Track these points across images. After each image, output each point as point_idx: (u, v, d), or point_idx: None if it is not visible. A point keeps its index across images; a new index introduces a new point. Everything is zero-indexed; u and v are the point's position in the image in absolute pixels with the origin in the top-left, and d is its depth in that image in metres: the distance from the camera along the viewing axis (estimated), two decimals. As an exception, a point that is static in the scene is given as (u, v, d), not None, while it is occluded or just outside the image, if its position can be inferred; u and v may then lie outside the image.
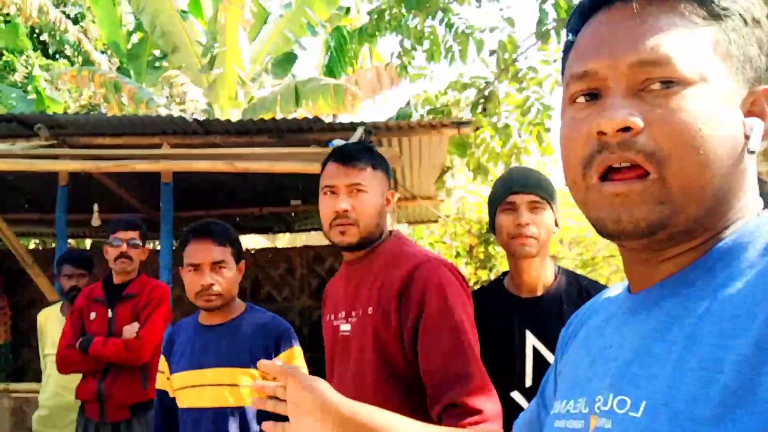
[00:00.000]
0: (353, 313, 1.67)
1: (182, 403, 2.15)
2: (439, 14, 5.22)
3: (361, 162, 1.71)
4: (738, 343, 0.53)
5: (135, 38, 12.32)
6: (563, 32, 5.06)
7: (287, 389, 1.04)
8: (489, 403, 1.41)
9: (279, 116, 8.50)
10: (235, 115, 8.96)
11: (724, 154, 0.60)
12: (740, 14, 0.64)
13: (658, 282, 0.66)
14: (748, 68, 0.64)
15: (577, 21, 0.72)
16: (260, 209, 6.87)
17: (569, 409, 0.70)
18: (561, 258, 7.66)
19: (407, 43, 5.19)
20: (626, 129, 0.61)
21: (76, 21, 17.30)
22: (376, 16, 5.07)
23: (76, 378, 3.15)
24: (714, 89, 0.61)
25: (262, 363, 1.05)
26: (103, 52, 15.40)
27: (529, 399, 1.78)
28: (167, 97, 11.46)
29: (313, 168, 3.89)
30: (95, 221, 5.25)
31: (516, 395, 1.79)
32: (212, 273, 2.10)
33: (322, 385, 1.04)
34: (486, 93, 5.49)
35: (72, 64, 13.96)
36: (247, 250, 7.87)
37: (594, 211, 0.65)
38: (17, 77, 15.11)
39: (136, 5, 8.48)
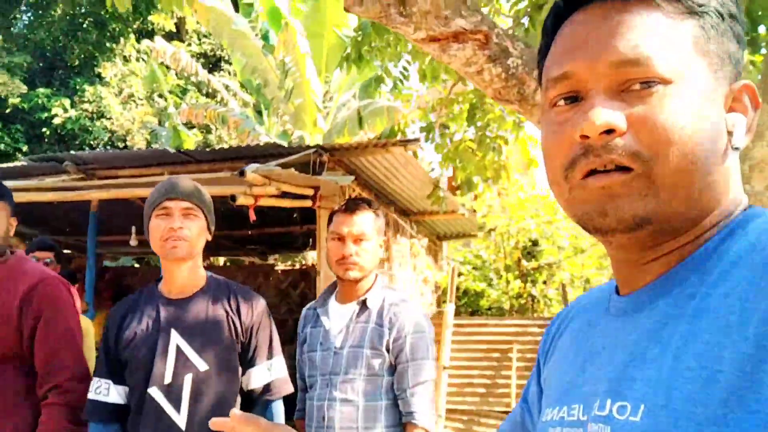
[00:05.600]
0: None
1: None
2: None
3: None
4: (735, 341, 0.53)
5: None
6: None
7: None
8: (81, 385, 2.02)
9: (355, 139, 9.01)
10: (317, 140, 9.59)
11: (708, 151, 0.61)
12: (717, 10, 0.64)
13: (648, 282, 0.65)
14: (728, 64, 0.64)
15: (552, 22, 0.71)
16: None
17: (563, 416, 0.69)
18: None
19: (390, 65, 5.40)
20: (609, 131, 0.61)
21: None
22: (360, 38, 5.33)
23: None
24: (695, 87, 0.61)
25: (217, 422, 0.92)
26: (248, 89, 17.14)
27: (166, 395, 1.90)
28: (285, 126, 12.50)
29: (224, 191, 4.29)
30: (133, 241, 6.07)
31: (154, 391, 1.92)
32: None
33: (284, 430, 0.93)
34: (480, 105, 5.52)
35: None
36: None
37: (579, 207, 0.64)
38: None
39: (230, 47, 9.50)
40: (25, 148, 14.75)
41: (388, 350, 2.07)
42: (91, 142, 15.09)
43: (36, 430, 1.99)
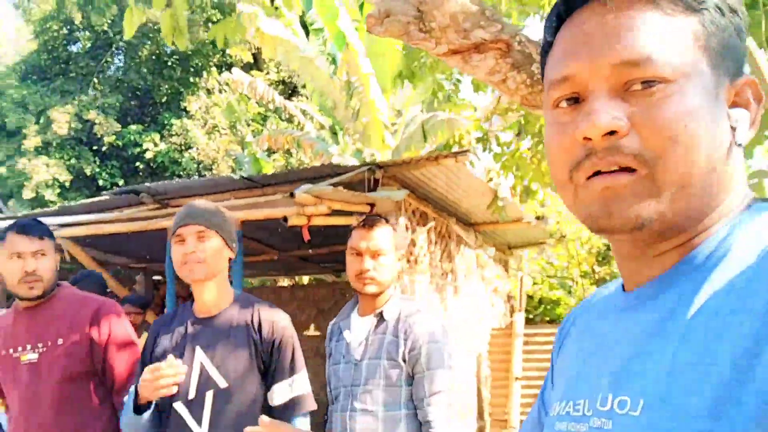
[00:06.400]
0: (40, 345, 2.28)
1: None
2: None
3: (39, 233, 2.29)
4: (732, 336, 0.54)
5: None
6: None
7: None
8: None
9: (422, 153, 9.07)
10: (386, 157, 9.71)
11: (711, 149, 0.61)
12: (716, 5, 0.64)
13: (652, 278, 0.66)
14: (729, 59, 0.64)
15: (554, 21, 0.70)
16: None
17: (569, 410, 0.70)
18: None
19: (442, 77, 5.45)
20: (612, 132, 0.61)
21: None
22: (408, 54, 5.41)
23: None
24: (696, 84, 0.61)
25: (248, 430, 0.98)
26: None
27: (190, 410, 2.02)
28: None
29: (277, 213, 4.43)
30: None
31: (178, 405, 2.04)
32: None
33: None
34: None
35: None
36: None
37: (585, 208, 0.65)
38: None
39: (301, 73, 9.85)
40: (121, 182, 15.69)
41: (404, 361, 2.11)
42: (180, 173, 15.88)
43: None
